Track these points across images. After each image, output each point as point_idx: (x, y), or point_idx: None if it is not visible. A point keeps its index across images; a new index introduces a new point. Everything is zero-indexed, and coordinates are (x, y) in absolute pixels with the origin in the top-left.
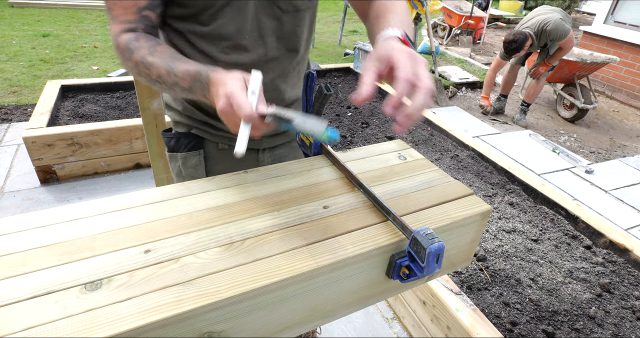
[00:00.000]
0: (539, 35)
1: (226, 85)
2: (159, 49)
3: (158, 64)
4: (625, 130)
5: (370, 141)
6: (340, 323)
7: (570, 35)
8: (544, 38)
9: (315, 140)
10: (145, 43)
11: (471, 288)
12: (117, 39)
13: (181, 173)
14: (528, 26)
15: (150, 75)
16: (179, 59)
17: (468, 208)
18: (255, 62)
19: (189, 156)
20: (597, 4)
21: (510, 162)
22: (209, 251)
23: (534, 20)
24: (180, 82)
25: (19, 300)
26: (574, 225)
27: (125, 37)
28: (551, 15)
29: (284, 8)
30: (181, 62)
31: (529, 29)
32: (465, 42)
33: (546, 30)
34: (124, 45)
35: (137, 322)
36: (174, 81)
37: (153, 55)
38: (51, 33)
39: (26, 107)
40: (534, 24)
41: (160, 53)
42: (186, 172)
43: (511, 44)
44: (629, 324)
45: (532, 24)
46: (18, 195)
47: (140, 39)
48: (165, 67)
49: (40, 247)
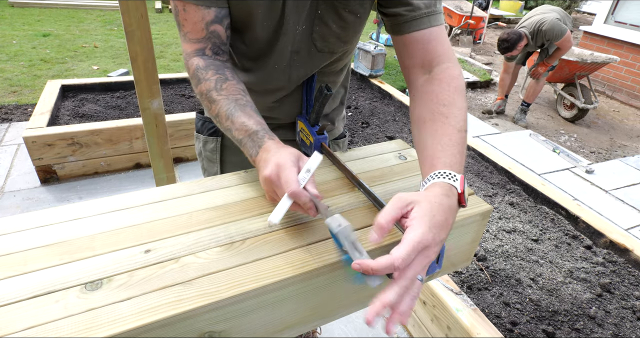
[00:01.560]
0: (535, 35)
1: (280, 156)
2: (225, 86)
3: (220, 104)
4: (625, 130)
5: (371, 141)
6: (341, 323)
7: (567, 35)
8: (539, 38)
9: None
10: (213, 76)
11: (471, 288)
12: (188, 61)
13: (201, 154)
14: (524, 26)
15: (210, 111)
16: (241, 107)
17: (468, 208)
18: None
19: (209, 140)
20: (598, 4)
21: (510, 162)
22: (209, 251)
23: (530, 19)
24: (233, 131)
25: (20, 300)
26: (574, 225)
27: (195, 62)
28: (548, 15)
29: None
30: (243, 113)
31: (525, 28)
32: (465, 42)
33: (542, 30)
34: (192, 72)
35: (138, 321)
36: (228, 127)
37: (219, 93)
38: (51, 33)
39: (26, 106)
40: (530, 24)
41: (226, 91)
42: (205, 154)
43: (503, 42)
44: (629, 324)
45: (529, 23)
46: (18, 195)
47: (209, 69)
48: (226, 110)
49: (41, 246)
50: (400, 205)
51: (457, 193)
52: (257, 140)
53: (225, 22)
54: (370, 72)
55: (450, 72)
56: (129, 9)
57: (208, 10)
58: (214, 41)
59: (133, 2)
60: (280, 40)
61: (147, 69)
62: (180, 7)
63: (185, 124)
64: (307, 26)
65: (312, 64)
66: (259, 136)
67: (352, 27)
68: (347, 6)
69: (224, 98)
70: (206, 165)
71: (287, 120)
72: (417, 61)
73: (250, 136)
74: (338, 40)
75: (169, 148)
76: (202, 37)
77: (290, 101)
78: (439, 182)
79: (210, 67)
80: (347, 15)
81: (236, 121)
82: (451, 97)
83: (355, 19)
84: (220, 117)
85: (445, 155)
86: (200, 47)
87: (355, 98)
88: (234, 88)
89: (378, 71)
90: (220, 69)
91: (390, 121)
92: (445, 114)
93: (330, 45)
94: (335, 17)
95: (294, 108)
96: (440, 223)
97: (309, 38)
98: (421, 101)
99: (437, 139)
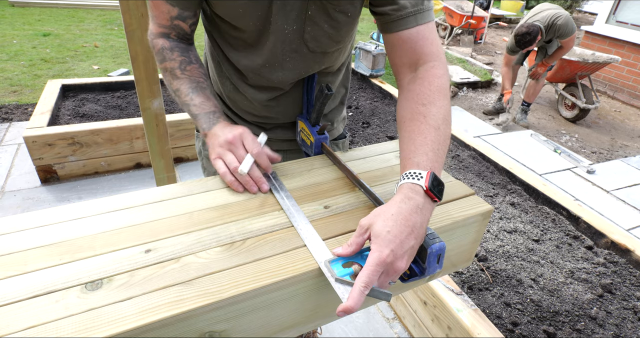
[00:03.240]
0: (548, 29)
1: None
2: (188, 68)
3: (182, 81)
4: (627, 130)
5: (371, 141)
6: (341, 323)
7: (575, 33)
8: (551, 32)
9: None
10: (178, 57)
11: (472, 289)
12: (153, 39)
13: (201, 153)
14: (538, 20)
15: (172, 85)
16: (202, 89)
17: (469, 208)
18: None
19: None
20: (599, 4)
21: (511, 162)
22: (209, 251)
23: (543, 14)
24: (191, 106)
25: (20, 300)
26: (575, 225)
27: (160, 42)
28: (561, 10)
29: (311, 47)
30: (203, 93)
31: (539, 22)
32: (466, 42)
33: (557, 24)
34: (157, 50)
35: (138, 321)
36: (187, 102)
37: (183, 72)
38: (52, 32)
39: (27, 106)
40: (544, 18)
41: (189, 72)
42: (204, 152)
43: (525, 36)
44: (631, 325)
45: (542, 17)
46: (19, 195)
47: (174, 50)
48: (187, 88)
49: (41, 246)
50: (360, 232)
51: (424, 191)
52: (213, 118)
53: (188, 21)
54: (371, 72)
55: (434, 72)
56: (129, 8)
57: (172, 7)
58: (178, 31)
59: (134, 1)
60: (269, 40)
61: (148, 69)
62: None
63: (186, 124)
64: (298, 27)
65: (305, 64)
66: (215, 115)
67: (343, 27)
68: (338, 6)
69: (187, 77)
70: (206, 164)
71: (285, 119)
72: (405, 60)
73: (207, 114)
74: (330, 40)
75: (169, 148)
76: (167, 25)
77: (287, 101)
78: (404, 183)
79: (175, 48)
80: (338, 15)
81: (196, 98)
82: (431, 97)
83: (346, 18)
84: (180, 91)
85: (417, 155)
86: (166, 32)
87: (356, 98)
88: (197, 71)
89: (379, 71)
90: (185, 51)
91: (391, 121)
92: (423, 113)
93: (322, 45)
94: (327, 17)
95: (292, 108)
96: (399, 233)
97: (300, 38)
98: (404, 100)
99: (412, 139)
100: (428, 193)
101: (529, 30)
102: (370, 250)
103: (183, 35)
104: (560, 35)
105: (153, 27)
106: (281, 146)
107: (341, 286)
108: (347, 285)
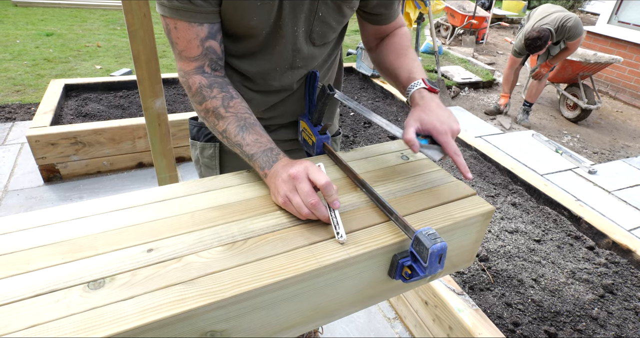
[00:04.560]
0: (558, 31)
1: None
2: (232, 104)
3: (229, 120)
4: (628, 130)
5: (373, 141)
6: (342, 323)
7: (583, 35)
8: (560, 34)
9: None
10: (219, 94)
11: (473, 289)
12: (189, 79)
13: (199, 161)
14: (547, 23)
15: (217, 127)
16: (251, 126)
17: (470, 208)
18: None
19: (206, 146)
20: (601, 4)
21: (512, 163)
22: (211, 250)
23: (552, 16)
24: (244, 146)
25: (23, 299)
26: (576, 225)
27: (197, 80)
28: (569, 12)
29: (316, 43)
30: (254, 130)
31: (549, 25)
32: (468, 42)
33: (567, 26)
34: (195, 89)
35: (140, 320)
36: (238, 142)
37: (227, 110)
38: (55, 32)
39: (30, 106)
40: (554, 21)
41: (234, 109)
42: (203, 161)
43: (536, 40)
44: (632, 325)
45: (552, 20)
46: (22, 194)
47: (213, 88)
48: (236, 127)
49: (44, 245)
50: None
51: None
52: (272, 155)
53: (218, 37)
54: (372, 72)
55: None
56: (132, 8)
57: (201, 27)
58: (211, 57)
59: (136, 1)
60: (280, 43)
61: (150, 69)
62: (171, 26)
63: (188, 124)
64: (306, 28)
65: (312, 60)
66: (274, 152)
67: (347, 19)
68: (350, 2)
69: (232, 115)
70: (205, 173)
71: (288, 119)
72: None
73: (264, 152)
74: (333, 32)
75: (171, 147)
76: (198, 55)
77: (292, 100)
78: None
79: (214, 84)
80: (347, 10)
81: (247, 138)
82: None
83: (351, 12)
84: (228, 132)
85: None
86: (199, 65)
87: (358, 98)
88: (241, 106)
89: None
90: (224, 86)
91: (393, 121)
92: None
93: (325, 38)
94: (337, 15)
95: (294, 107)
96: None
97: (307, 38)
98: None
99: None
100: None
101: (540, 34)
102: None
103: (216, 62)
104: (569, 37)
105: (183, 65)
106: (283, 147)
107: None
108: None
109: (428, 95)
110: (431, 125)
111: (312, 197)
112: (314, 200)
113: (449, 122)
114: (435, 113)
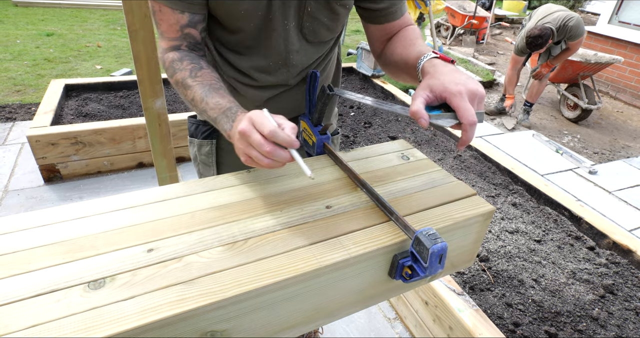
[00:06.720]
0: (559, 30)
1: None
2: (200, 74)
3: (195, 88)
4: (629, 130)
5: (373, 141)
6: (342, 323)
7: (585, 35)
8: (562, 34)
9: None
10: (189, 65)
11: (474, 289)
12: (164, 56)
13: (197, 159)
14: (549, 22)
15: (186, 96)
16: (216, 90)
17: (471, 208)
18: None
19: (204, 144)
20: (602, 4)
21: (513, 163)
22: (212, 250)
23: (554, 15)
24: (208, 110)
25: (23, 298)
26: (577, 226)
27: (171, 55)
28: (571, 12)
29: (310, 39)
30: (216, 93)
31: (550, 24)
32: (468, 42)
33: (568, 25)
34: (168, 64)
35: (140, 320)
36: (204, 108)
37: (194, 79)
38: (55, 32)
39: (30, 106)
40: (555, 20)
41: (201, 78)
42: (200, 158)
43: (537, 39)
44: (632, 326)
45: (553, 19)
46: (22, 194)
47: (184, 60)
48: (201, 93)
49: (44, 245)
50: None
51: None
52: (230, 115)
53: (199, 26)
54: (373, 72)
55: (414, 27)
56: (132, 8)
57: (182, 15)
58: (189, 41)
59: (136, 1)
60: (272, 36)
61: (150, 69)
62: (156, 8)
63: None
64: (297, 22)
65: (307, 57)
66: (232, 111)
67: (341, 18)
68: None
69: (199, 83)
70: (202, 170)
71: (286, 117)
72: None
73: (224, 112)
74: (327, 31)
75: (171, 147)
76: (177, 37)
77: (288, 97)
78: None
79: (185, 58)
80: (338, 8)
81: (210, 101)
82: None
83: (345, 10)
84: (195, 100)
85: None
86: (176, 44)
87: None
88: (209, 75)
89: (381, 71)
90: (195, 59)
91: (393, 121)
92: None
93: (320, 36)
94: (327, 12)
95: (292, 104)
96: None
97: (299, 33)
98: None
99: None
100: (441, 57)
101: (541, 33)
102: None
103: (194, 44)
104: (570, 37)
105: (163, 43)
106: None
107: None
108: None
109: (441, 63)
110: (442, 87)
111: (265, 145)
112: (269, 148)
113: (465, 83)
114: (448, 75)
